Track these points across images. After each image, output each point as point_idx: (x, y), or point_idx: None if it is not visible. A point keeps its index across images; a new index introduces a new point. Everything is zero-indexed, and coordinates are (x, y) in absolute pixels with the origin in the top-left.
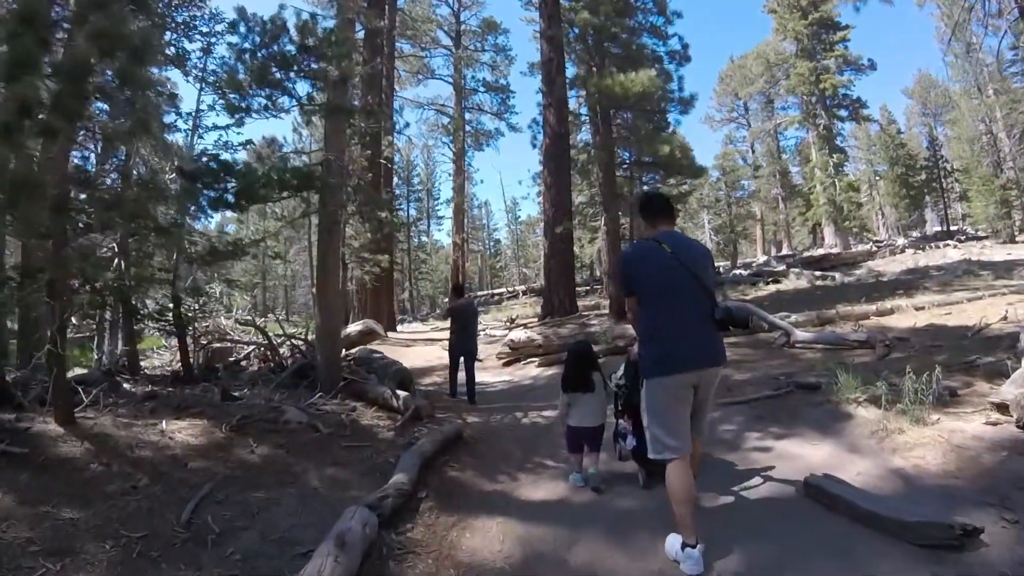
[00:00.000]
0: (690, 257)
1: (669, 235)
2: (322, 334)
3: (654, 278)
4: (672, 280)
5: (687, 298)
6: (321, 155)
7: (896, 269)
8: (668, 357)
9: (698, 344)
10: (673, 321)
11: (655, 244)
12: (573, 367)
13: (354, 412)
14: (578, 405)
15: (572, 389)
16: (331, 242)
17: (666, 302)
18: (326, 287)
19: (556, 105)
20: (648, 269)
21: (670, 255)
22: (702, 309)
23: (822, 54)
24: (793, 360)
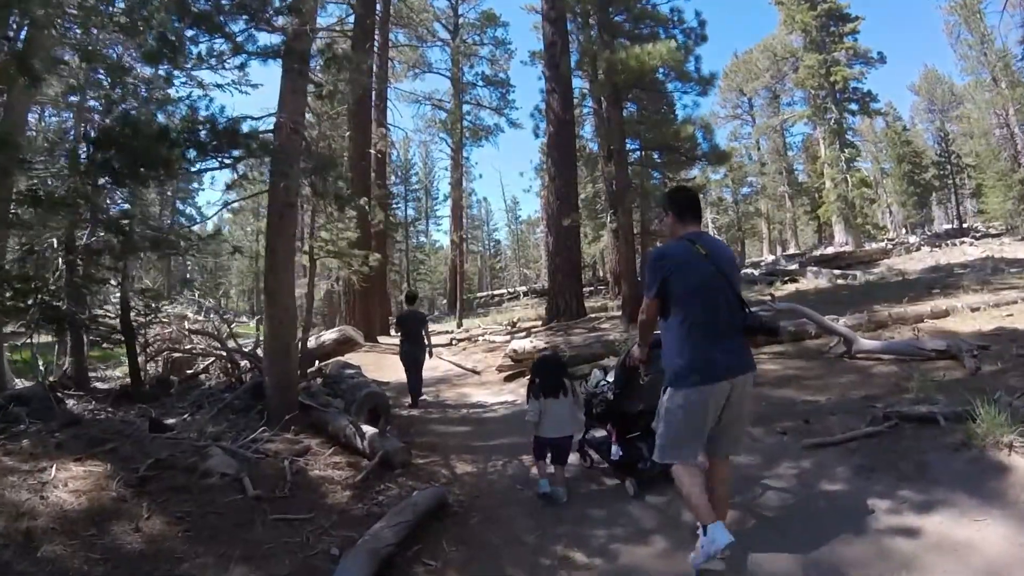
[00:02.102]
0: (724, 261)
1: (701, 236)
2: (271, 348)
3: (691, 281)
4: (709, 284)
5: (722, 303)
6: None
7: (917, 267)
8: (707, 365)
9: (733, 351)
10: (708, 328)
11: (690, 244)
12: (544, 372)
13: (304, 456)
14: (550, 413)
15: (545, 395)
16: (283, 229)
17: (703, 307)
18: (277, 287)
19: (560, 90)
20: (686, 270)
21: (705, 257)
22: (736, 315)
23: (831, 46)
24: (865, 376)
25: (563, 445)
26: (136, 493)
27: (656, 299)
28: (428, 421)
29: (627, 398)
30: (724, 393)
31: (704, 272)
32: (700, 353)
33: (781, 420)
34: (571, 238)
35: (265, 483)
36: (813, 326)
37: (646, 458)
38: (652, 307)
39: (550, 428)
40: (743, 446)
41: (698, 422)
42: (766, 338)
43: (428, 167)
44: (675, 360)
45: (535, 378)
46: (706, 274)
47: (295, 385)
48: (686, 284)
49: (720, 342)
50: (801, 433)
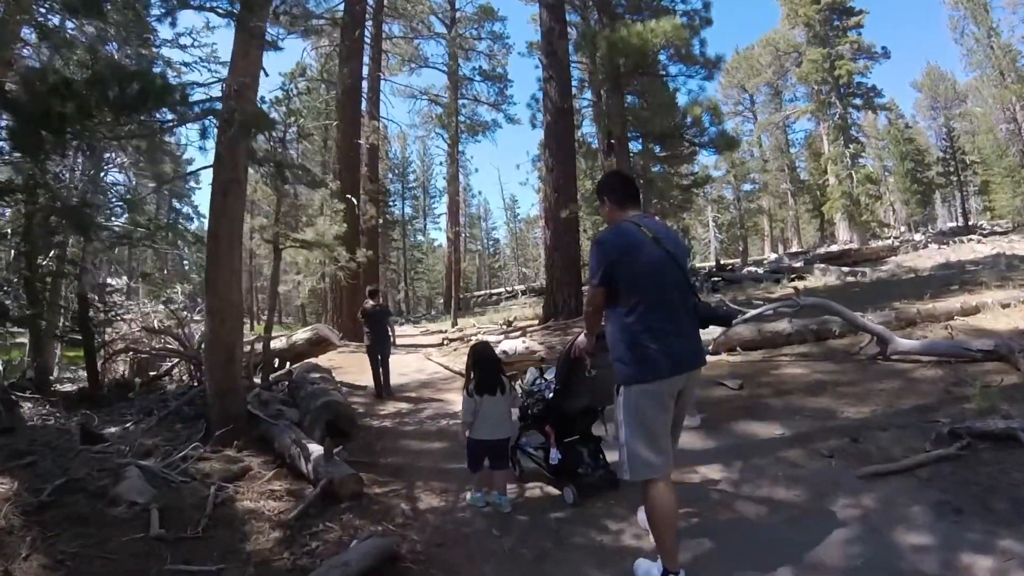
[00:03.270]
0: (673, 247)
1: (647, 219)
2: (211, 349)
3: (641, 265)
4: (660, 269)
5: (675, 290)
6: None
7: (927, 264)
8: (662, 358)
9: (687, 343)
10: (663, 317)
11: (637, 229)
12: (481, 367)
13: (238, 480)
14: (487, 412)
15: (481, 391)
16: (227, 209)
17: (655, 293)
18: (217, 278)
19: (558, 78)
20: (635, 254)
21: (654, 241)
22: (688, 303)
23: (834, 41)
24: (908, 381)
25: (501, 448)
26: (28, 523)
27: (602, 287)
28: (400, 434)
29: (569, 396)
30: (677, 389)
31: (654, 256)
32: (655, 344)
33: (823, 438)
34: (570, 232)
35: (179, 517)
36: (837, 324)
37: (587, 463)
38: (598, 295)
39: (486, 429)
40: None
41: (660, 420)
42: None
43: (426, 165)
44: (627, 353)
45: (472, 372)
46: (656, 258)
47: (240, 392)
48: (636, 269)
49: (674, 333)
50: (851, 456)
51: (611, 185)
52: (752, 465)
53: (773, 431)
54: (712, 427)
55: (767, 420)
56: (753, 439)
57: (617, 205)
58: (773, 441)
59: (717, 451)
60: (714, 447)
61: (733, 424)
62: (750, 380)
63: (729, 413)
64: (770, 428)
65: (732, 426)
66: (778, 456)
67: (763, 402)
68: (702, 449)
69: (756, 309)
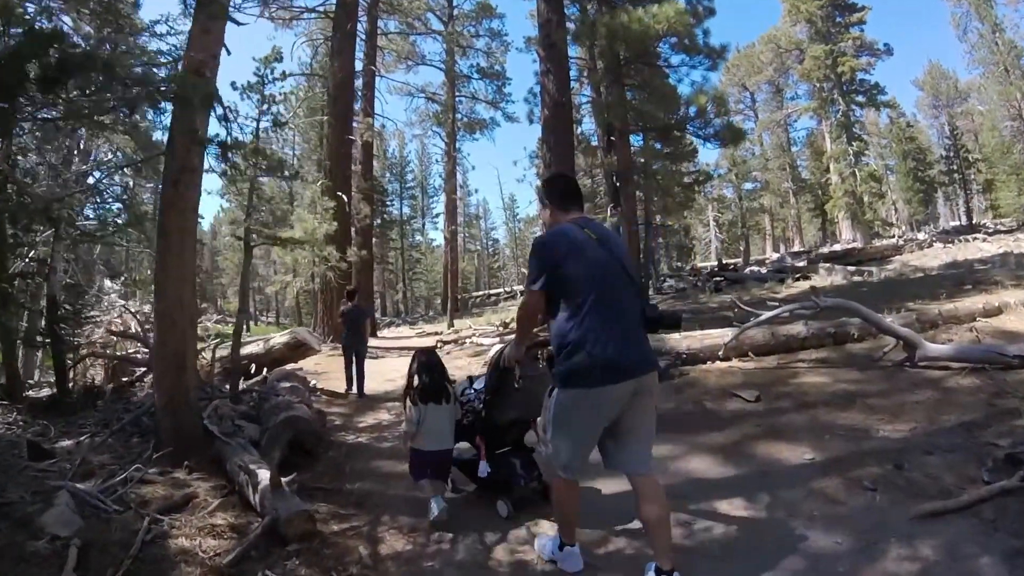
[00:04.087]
0: (617, 246)
1: (589, 221)
2: (161, 358)
3: (586, 267)
4: (605, 271)
5: (620, 293)
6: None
7: (934, 263)
8: (607, 362)
9: (634, 347)
10: (607, 321)
11: (580, 229)
12: (423, 373)
13: (179, 511)
14: (431, 421)
15: (425, 399)
16: (177, 200)
17: (600, 296)
18: (166, 277)
19: (556, 70)
20: (579, 256)
21: (597, 243)
22: (634, 306)
23: (837, 37)
24: (945, 392)
25: (444, 460)
26: None
27: (541, 291)
28: (375, 453)
29: (498, 406)
30: (627, 394)
31: (599, 258)
32: (599, 348)
33: (861, 464)
34: None
35: (101, 557)
36: (855, 326)
37: (520, 475)
38: (536, 299)
39: (431, 440)
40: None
41: (591, 428)
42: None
43: (424, 164)
44: (568, 358)
45: (416, 380)
46: (601, 260)
47: (192, 406)
48: (580, 271)
49: (621, 336)
50: (898, 488)
51: (552, 187)
52: (781, 500)
53: (801, 455)
54: (730, 450)
55: (793, 441)
56: (779, 465)
57: (559, 207)
58: (803, 468)
59: (738, 481)
60: (734, 475)
61: (754, 446)
62: (767, 391)
63: (748, 432)
64: (797, 451)
65: (753, 448)
66: (811, 488)
67: (785, 418)
68: (720, 478)
69: (771, 310)
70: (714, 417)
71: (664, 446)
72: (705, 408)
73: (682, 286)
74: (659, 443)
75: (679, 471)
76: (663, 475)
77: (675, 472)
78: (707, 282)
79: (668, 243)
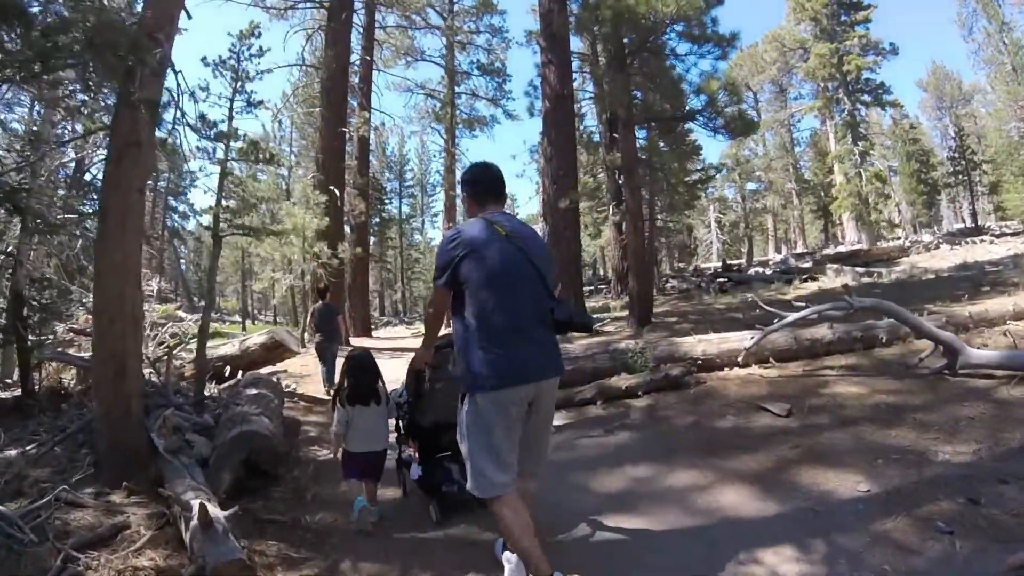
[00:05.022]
0: (529, 245)
1: (504, 217)
2: (99, 362)
3: (489, 265)
4: (511, 269)
5: (527, 292)
6: None
7: (944, 265)
8: (507, 366)
9: (540, 349)
10: (511, 320)
11: (488, 224)
12: (352, 375)
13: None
14: (360, 423)
15: (352, 402)
16: (120, 180)
17: (503, 295)
18: (105, 268)
19: (558, 62)
20: (482, 253)
21: (507, 239)
22: (542, 307)
23: (842, 36)
24: (997, 404)
25: (374, 461)
26: None
27: (446, 287)
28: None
29: (419, 409)
30: (526, 399)
31: (505, 255)
32: (502, 350)
33: (928, 497)
34: (570, 226)
35: None
36: (883, 330)
37: (454, 480)
38: (440, 297)
39: (357, 441)
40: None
41: (509, 433)
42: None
43: (423, 162)
44: (471, 359)
45: (344, 382)
46: (507, 257)
47: (135, 417)
48: (482, 269)
49: (525, 338)
50: (979, 530)
51: (472, 178)
52: (840, 549)
53: (854, 486)
54: (767, 478)
55: (840, 466)
56: (830, 500)
57: (475, 200)
58: (858, 503)
59: (783, 522)
60: (777, 514)
61: (795, 473)
62: (798, 403)
63: (785, 455)
64: (847, 480)
65: (794, 476)
66: (873, 531)
67: (826, 437)
68: (760, 517)
69: (796, 311)
70: (742, 436)
71: (686, 473)
72: (730, 424)
73: (685, 287)
74: (681, 469)
75: (709, 508)
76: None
77: (705, 509)
78: (711, 283)
79: (670, 243)
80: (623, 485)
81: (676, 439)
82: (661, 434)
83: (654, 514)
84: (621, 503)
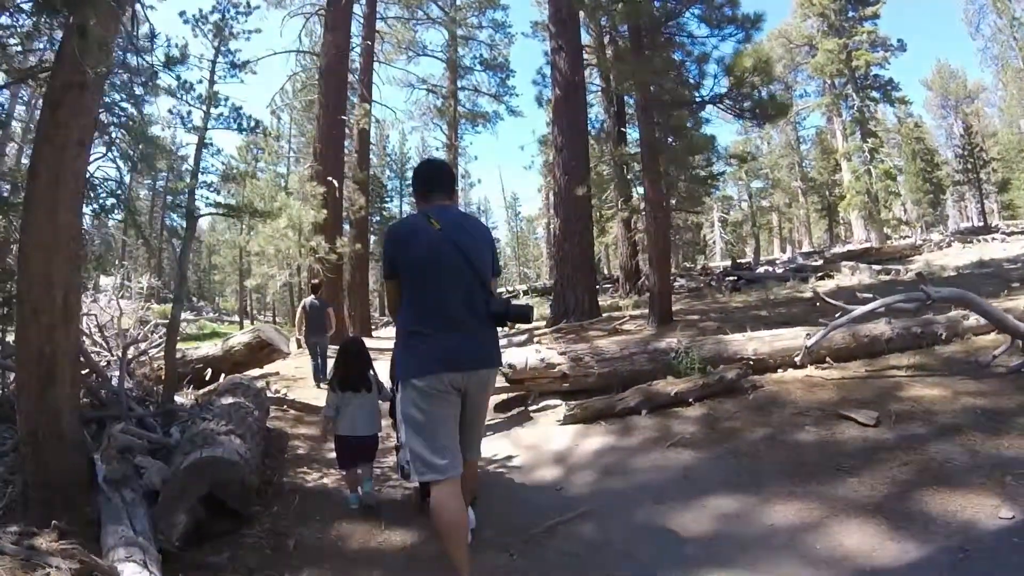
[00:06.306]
0: (464, 237)
1: (442, 210)
2: (22, 364)
3: (415, 256)
4: (438, 261)
5: (455, 285)
6: None
7: (959, 263)
8: (429, 354)
9: (466, 341)
10: (437, 311)
11: (423, 218)
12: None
13: None
14: (349, 409)
15: (343, 388)
16: (57, 132)
17: (430, 288)
18: (31, 244)
19: (568, 48)
20: (412, 245)
21: (438, 232)
22: (473, 300)
23: (850, 32)
24: None
25: (364, 446)
26: None
27: (389, 279)
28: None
29: None
30: (454, 387)
31: (432, 247)
32: (425, 340)
33: None
34: (582, 220)
35: None
36: (942, 325)
37: None
38: (390, 291)
39: (347, 425)
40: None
41: (441, 419)
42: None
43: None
44: (400, 348)
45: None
46: (434, 249)
47: (68, 435)
48: (411, 261)
49: (453, 328)
50: None
51: (417, 174)
52: None
53: (993, 511)
54: (886, 508)
55: (965, 488)
56: (973, 533)
57: (420, 195)
58: (1009, 535)
59: (934, 570)
60: (922, 559)
61: (918, 500)
62: (879, 409)
63: (895, 475)
64: (982, 505)
65: (919, 505)
66: None
67: (933, 451)
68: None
69: (864, 305)
70: (833, 452)
71: (786, 506)
72: (813, 438)
73: (693, 286)
74: (777, 501)
75: (833, 555)
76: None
77: (829, 558)
78: (721, 282)
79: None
80: (709, 524)
81: (755, 459)
82: (734, 452)
83: (764, 568)
84: (714, 552)
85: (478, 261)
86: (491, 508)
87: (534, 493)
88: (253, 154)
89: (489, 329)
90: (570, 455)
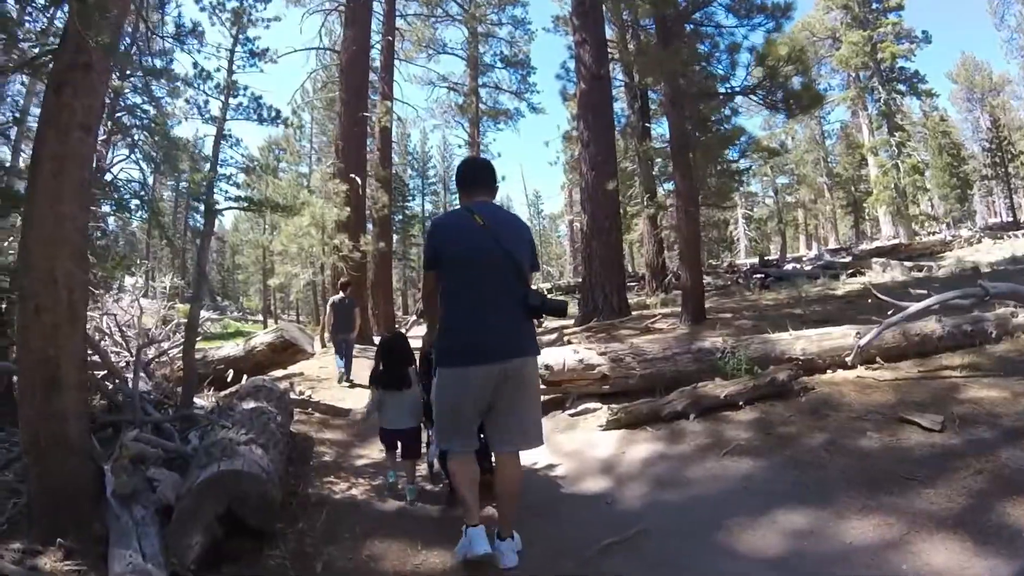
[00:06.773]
0: (506, 233)
1: (484, 206)
2: (24, 366)
3: (459, 251)
4: (482, 257)
5: (497, 279)
6: None
7: (991, 259)
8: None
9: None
10: (479, 304)
11: (467, 214)
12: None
13: None
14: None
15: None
16: (59, 115)
17: (472, 281)
18: (34, 238)
19: (592, 41)
20: (456, 240)
21: (481, 228)
22: (513, 293)
23: (874, 23)
24: None
25: (409, 436)
26: None
27: (432, 272)
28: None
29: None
30: (492, 378)
31: (477, 242)
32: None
33: None
34: (611, 216)
35: None
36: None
37: None
38: (427, 281)
39: (388, 419)
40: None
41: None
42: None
43: (446, 160)
44: (440, 338)
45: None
46: (478, 244)
47: (72, 443)
48: (454, 255)
49: (489, 320)
50: None
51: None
52: None
53: None
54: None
55: None
56: None
57: (463, 192)
58: None
59: None
60: None
61: (1000, 513)
62: (940, 411)
63: (972, 485)
64: None
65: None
66: None
67: (1007, 457)
68: None
69: (918, 302)
70: (901, 460)
71: (863, 522)
72: (876, 444)
73: (721, 283)
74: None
75: (914, 573)
76: None
77: None
78: (749, 279)
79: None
80: (781, 543)
81: (819, 468)
82: (794, 460)
83: None
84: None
85: (518, 256)
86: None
87: (582, 507)
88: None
89: (525, 322)
90: (617, 464)
